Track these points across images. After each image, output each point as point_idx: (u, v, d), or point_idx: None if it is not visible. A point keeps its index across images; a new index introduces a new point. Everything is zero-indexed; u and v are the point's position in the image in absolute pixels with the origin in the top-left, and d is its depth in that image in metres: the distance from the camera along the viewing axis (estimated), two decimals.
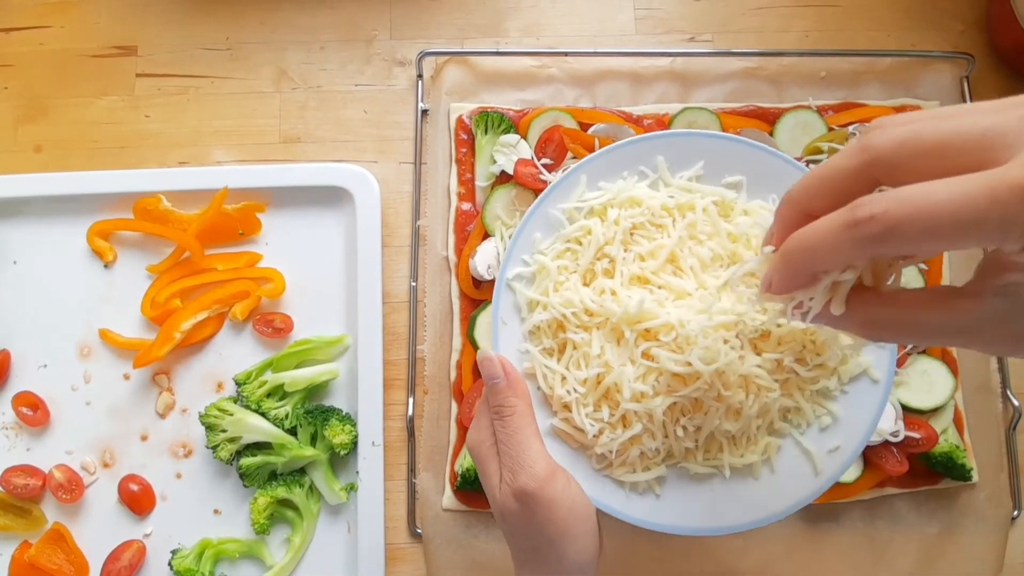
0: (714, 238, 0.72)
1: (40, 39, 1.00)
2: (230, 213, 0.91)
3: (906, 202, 0.36)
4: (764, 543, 0.86)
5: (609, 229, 0.72)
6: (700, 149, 0.75)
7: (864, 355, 0.72)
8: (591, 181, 0.74)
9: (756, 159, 0.74)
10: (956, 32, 1.00)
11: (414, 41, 1.00)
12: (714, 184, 0.75)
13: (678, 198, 0.73)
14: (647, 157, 0.75)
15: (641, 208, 0.72)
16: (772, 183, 0.74)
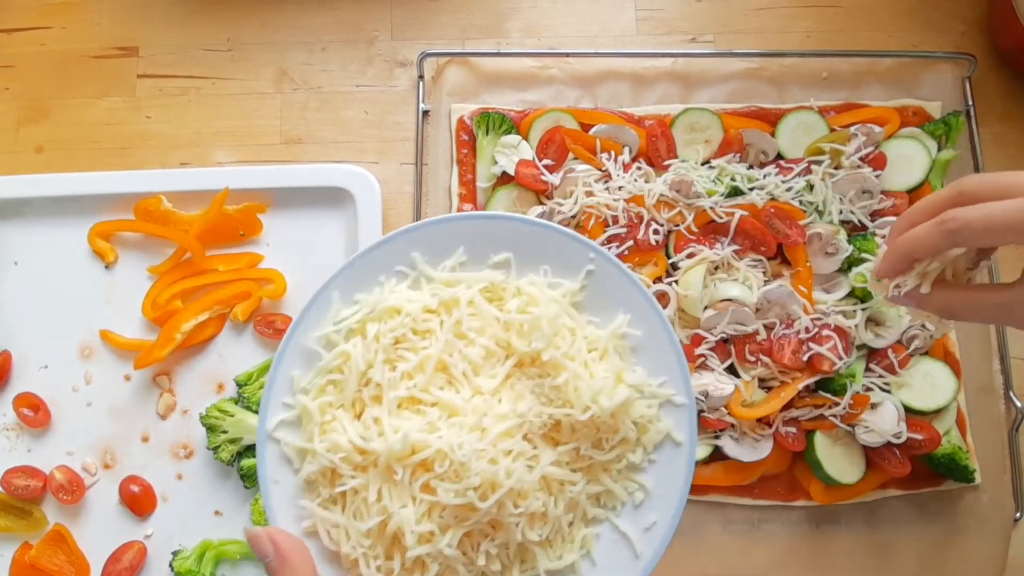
0: (485, 333, 0.68)
1: (41, 40, 1.00)
2: (231, 214, 0.91)
3: (975, 209, 0.56)
4: (767, 545, 0.86)
5: (369, 349, 0.67)
6: (458, 233, 0.71)
7: (664, 419, 0.69)
8: (346, 295, 0.70)
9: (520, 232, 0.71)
10: (958, 33, 1.00)
11: (415, 42, 1.00)
12: (481, 268, 0.71)
13: (441, 295, 0.69)
14: (403, 255, 0.71)
15: (401, 316, 0.68)
16: (542, 253, 0.71)
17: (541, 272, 0.72)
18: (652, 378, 0.71)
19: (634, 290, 0.71)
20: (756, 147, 0.91)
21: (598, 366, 0.70)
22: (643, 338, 0.72)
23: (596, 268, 0.72)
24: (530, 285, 0.71)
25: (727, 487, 0.86)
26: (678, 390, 0.70)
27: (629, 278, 0.71)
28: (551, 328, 0.69)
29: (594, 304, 0.73)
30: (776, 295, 0.84)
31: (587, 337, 0.71)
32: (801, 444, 0.84)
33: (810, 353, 0.83)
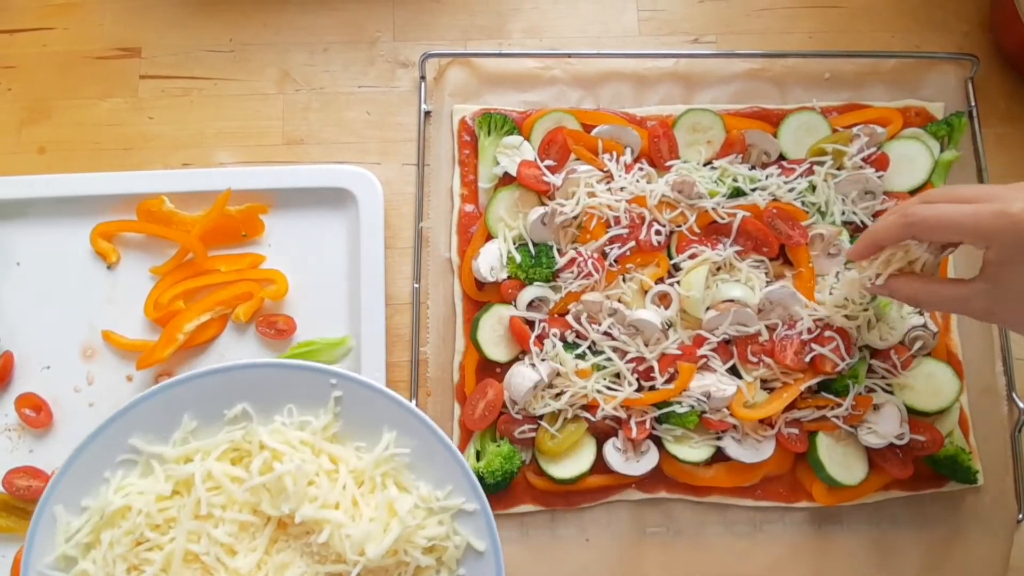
0: (232, 506, 0.65)
1: (44, 41, 1.00)
2: (233, 215, 0.91)
3: (931, 209, 0.67)
4: (770, 547, 0.86)
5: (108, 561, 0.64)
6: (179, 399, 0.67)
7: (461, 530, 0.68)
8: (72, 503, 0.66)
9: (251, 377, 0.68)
10: (960, 33, 1.00)
11: (417, 43, 1.00)
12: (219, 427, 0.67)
13: (176, 475, 0.66)
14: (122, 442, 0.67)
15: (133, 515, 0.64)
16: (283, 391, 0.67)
17: (286, 413, 0.69)
18: (438, 490, 0.69)
19: (393, 405, 0.69)
20: (758, 148, 0.91)
21: (368, 501, 0.67)
22: (416, 451, 0.70)
23: (344, 393, 0.69)
24: (273, 436, 0.67)
25: (729, 488, 0.86)
26: (467, 497, 0.69)
27: (382, 394, 0.69)
28: (298, 484, 0.65)
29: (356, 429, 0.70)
30: (778, 296, 0.84)
31: (352, 471, 0.67)
32: (803, 445, 0.84)
33: (812, 354, 0.83)
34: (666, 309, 0.85)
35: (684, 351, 0.84)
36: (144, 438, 0.68)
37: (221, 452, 0.68)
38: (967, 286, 0.68)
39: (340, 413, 0.71)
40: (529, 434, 0.84)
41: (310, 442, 0.68)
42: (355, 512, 0.66)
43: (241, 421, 0.70)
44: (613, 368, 0.84)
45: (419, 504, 0.70)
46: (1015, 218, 0.62)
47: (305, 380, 0.70)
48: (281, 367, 0.69)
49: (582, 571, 0.85)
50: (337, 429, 0.71)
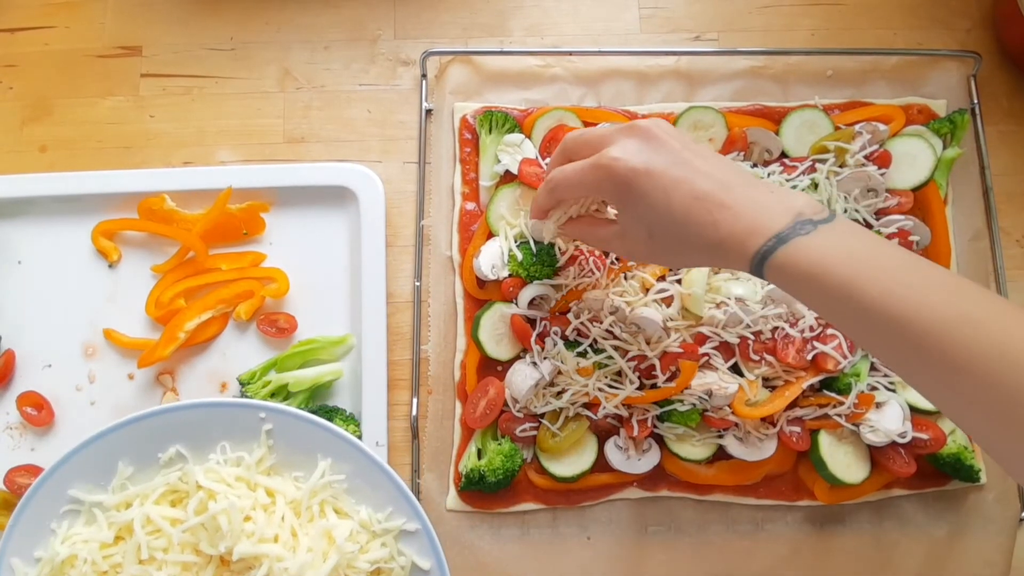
0: (172, 548, 0.66)
1: (45, 39, 1.00)
2: (234, 213, 0.91)
3: (559, 171, 0.69)
4: (771, 545, 0.86)
5: None
6: (113, 447, 0.69)
7: (405, 551, 0.69)
8: (26, 554, 0.68)
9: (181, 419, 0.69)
10: (963, 30, 1.00)
11: (418, 41, 0.99)
12: (155, 470, 0.68)
13: (117, 521, 0.67)
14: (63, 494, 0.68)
15: (80, 564, 0.66)
16: (215, 429, 0.69)
17: (219, 450, 0.70)
18: (379, 512, 0.69)
19: (323, 432, 0.70)
20: (760, 145, 0.91)
21: (308, 530, 0.68)
22: (353, 476, 0.71)
23: (274, 425, 0.70)
24: (208, 475, 0.69)
25: (731, 487, 0.86)
26: (407, 516, 0.70)
27: (312, 423, 0.69)
28: (232, 522, 0.66)
29: (292, 460, 0.71)
30: (780, 294, 0.84)
31: (290, 502, 0.68)
32: (805, 443, 0.84)
33: (814, 352, 0.83)
34: (667, 307, 0.85)
35: (686, 349, 0.84)
36: (84, 488, 0.70)
37: (159, 495, 0.68)
38: (606, 226, 0.71)
39: (273, 445, 0.72)
40: (530, 432, 0.84)
41: (245, 478, 0.69)
42: (294, 543, 0.67)
43: (177, 463, 0.71)
44: (614, 366, 0.84)
45: (359, 529, 0.70)
46: (608, 168, 0.63)
47: (234, 416, 0.70)
48: (208, 406, 0.70)
49: (583, 569, 0.85)
50: (273, 461, 0.72)
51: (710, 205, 0.61)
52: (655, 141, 0.64)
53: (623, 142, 0.64)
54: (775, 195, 0.62)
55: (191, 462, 0.71)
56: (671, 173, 0.62)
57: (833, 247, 0.58)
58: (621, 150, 0.64)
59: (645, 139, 0.64)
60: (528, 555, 0.85)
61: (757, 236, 0.59)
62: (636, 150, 0.64)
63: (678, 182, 0.62)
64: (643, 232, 0.66)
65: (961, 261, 0.91)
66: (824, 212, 0.61)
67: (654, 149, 0.64)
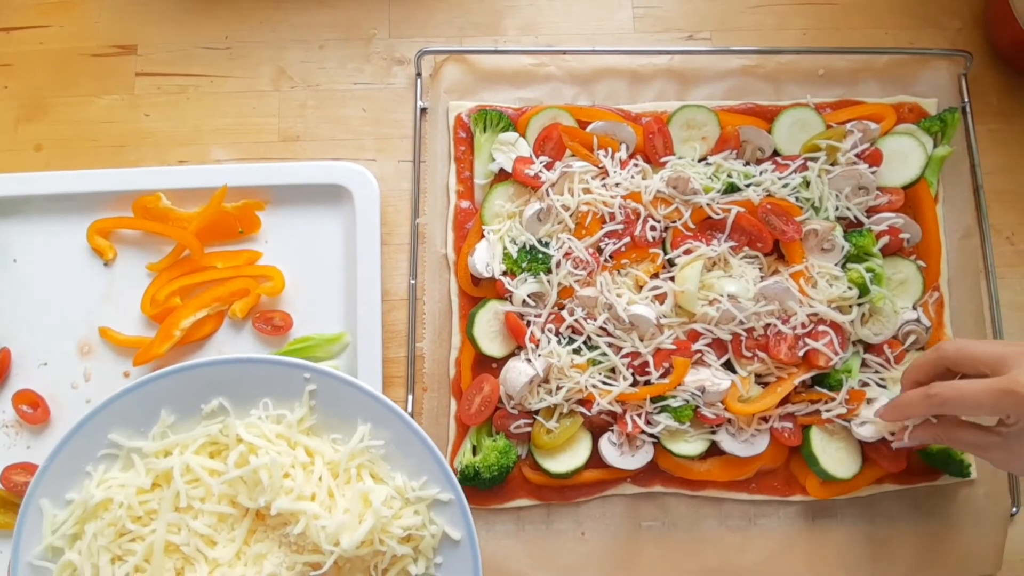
0: (210, 498, 0.67)
1: (40, 38, 1.00)
2: (229, 211, 0.91)
3: (953, 388, 0.71)
4: (763, 540, 0.87)
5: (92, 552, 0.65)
6: (157, 395, 0.69)
7: (437, 519, 0.70)
8: (57, 496, 0.68)
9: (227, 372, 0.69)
10: (954, 30, 1.00)
11: (413, 40, 1.00)
12: (196, 421, 0.69)
13: (155, 468, 0.67)
14: (102, 437, 0.68)
15: (115, 508, 0.66)
16: (257, 387, 0.69)
17: (261, 407, 0.70)
18: (413, 480, 0.70)
19: (365, 397, 0.70)
20: (753, 144, 0.92)
21: (344, 492, 0.68)
22: (391, 443, 0.71)
23: (318, 387, 0.70)
24: (249, 429, 0.69)
25: (724, 482, 0.86)
26: (441, 487, 0.70)
27: (356, 387, 0.70)
28: (273, 477, 0.67)
29: (331, 422, 0.71)
30: (773, 291, 0.85)
31: (328, 463, 0.69)
32: (797, 439, 0.85)
33: (806, 349, 0.84)
34: (661, 304, 0.85)
35: (679, 346, 0.84)
36: (123, 433, 0.69)
37: (199, 446, 0.68)
38: (986, 436, 0.73)
39: (315, 407, 0.72)
40: (525, 429, 0.85)
41: (286, 435, 0.69)
42: (331, 503, 0.68)
43: (218, 415, 0.71)
44: (608, 363, 0.84)
45: (394, 495, 0.71)
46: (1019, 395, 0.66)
47: (279, 375, 0.70)
48: (256, 362, 0.70)
49: (578, 564, 0.86)
50: (313, 422, 0.72)
51: None
52: None
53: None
54: None
55: (233, 416, 0.71)
56: None
57: None
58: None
59: None
60: (523, 550, 0.85)
61: None
62: None
63: None
64: None
65: (951, 258, 0.92)
66: None
67: None
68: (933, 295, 0.90)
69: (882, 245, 0.88)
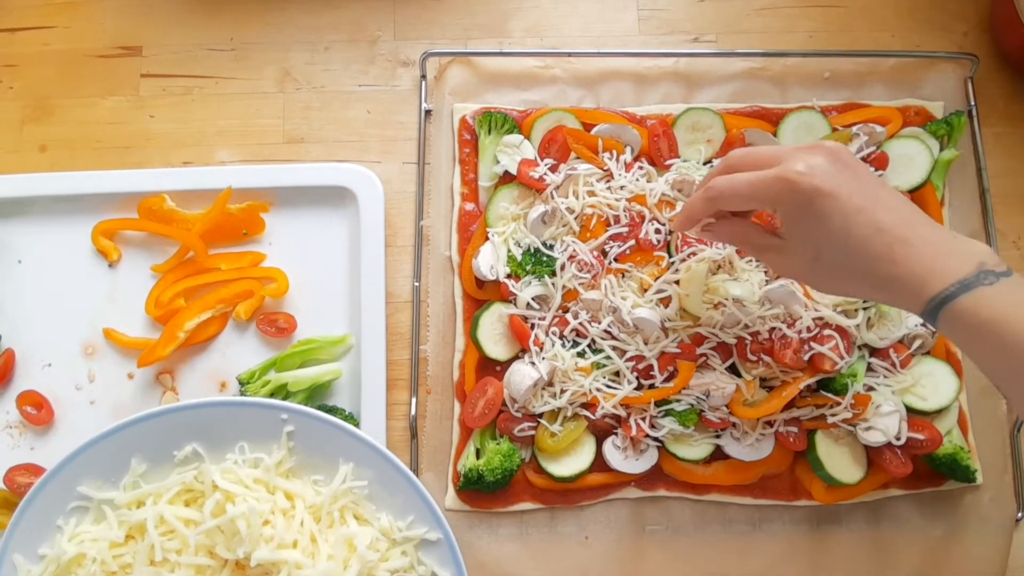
0: (186, 550, 0.64)
1: (45, 39, 1.00)
2: (234, 213, 0.92)
3: (726, 180, 0.68)
4: (768, 545, 0.86)
5: None
6: (127, 443, 0.67)
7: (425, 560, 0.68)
8: (29, 551, 0.66)
9: (200, 416, 0.67)
10: (960, 33, 1.00)
11: (418, 42, 1.00)
12: (169, 469, 0.67)
13: (128, 519, 0.65)
14: (71, 490, 0.67)
15: (88, 564, 0.65)
16: (234, 429, 0.67)
17: (238, 450, 0.68)
18: (399, 520, 0.68)
19: (346, 436, 0.68)
20: None
21: (327, 537, 0.66)
22: (374, 482, 0.69)
23: (296, 427, 0.68)
24: (225, 475, 0.67)
25: (728, 487, 0.86)
26: (429, 526, 0.68)
27: (336, 426, 0.68)
28: (251, 526, 0.64)
29: (312, 463, 0.69)
30: (778, 295, 0.84)
31: (310, 507, 0.67)
32: (802, 444, 0.84)
33: (811, 352, 0.83)
34: (665, 308, 0.85)
35: (683, 349, 0.84)
36: (93, 484, 0.68)
37: (174, 494, 0.67)
38: (765, 236, 0.70)
39: (294, 448, 0.70)
40: (529, 432, 0.85)
41: (264, 480, 0.68)
42: (314, 549, 0.66)
43: (192, 461, 0.69)
44: (613, 366, 0.84)
45: (379, 536, 0.69)
46: (792, 182, 0.62)
47: (255, 416, 0.69)
48: (229, 405, 0.68)
49: (581, 569, 0.85)
50: (292, 464, 0.70)
51: (890, 239, 0.60)
52: (841, 164, 0.63)
53: (808, 159, 0.63)
54: (957, 240, 0.61)
55: (208, 461, 0.69)
56: (855, 200, 0.61)
57: (1016, 302, 0.56)
58: (807, 166, 0.62)
59: (832, 160, 0.63)
60: (526, 555, 0.85)
61: (937, 280, 0.58)
62: (823, 170, 0.62)
63: (860, 210, 0.61)
64: (810, 253, 0.65)
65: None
66: (1003, 265, 0.59)
67: (840, 171, 0.63)
68: None
69: None
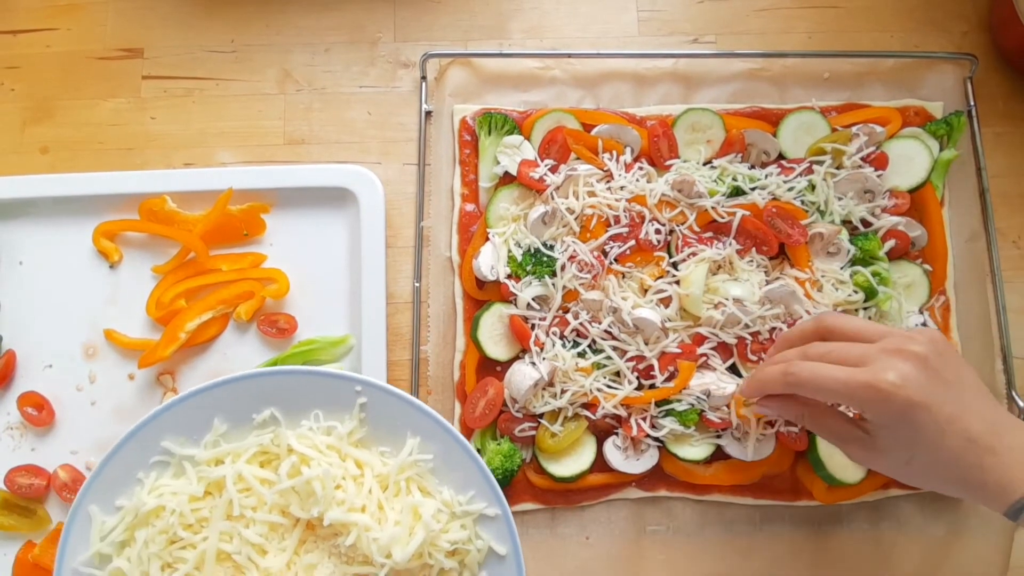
0: (262, 507, 0.67)
1: (47, 41, 1.01)
2: (235, 214, 0.92)
3: (812, 371, 0.66)
4: (769, 545, 0.86)
5: (142, 560, 0.66)
6: (211, 403, 0.70)
7: (483, 534, 0.70)
8: (106, 503, 0.69)
9: (280, 383, 0.70)
10: (959, 33, 1.00)
11: (418, 43, 1.00)
12: (248, 430, 0.69)
13: (207, 476, 0.68)
14: (155, 444, 0.69)
15: (167, 515, 0.66)
16: (308, 399, 0.69)
17: (313, 418, 0.70)
18: (460, 495, 0.70)
19: (414, 411, 0.71)
20: (758, 147, 0.91)
21: (393, 505, 0.68)
22: (438, 457, 0.71)
23: (368, 399, 0.71)
24: (300, 440, 0.69)
25: (729, 487, 0.86)
26: (488, 501, 0.70)
27: (406, 401, 0.70)
28: (325, 488, 0.67)
29: (380, 435, 0.71)
30: (778, 294, 0.84)
31: (377, 475, 0.69)
32: (803, 443, 0.84)
33: None
34: (666, 308, 0.85)
35: (684, 349, 0.84)
36: (176, 441, 0.70)
37: (251, 455, 0.69)
38: (849, 428, 0.69)
39: (365, 419, 0.72)
40: (529, 432, 0.85)
41: (336, 447, 0.69)
42: (381, 516, 0.68)
43: (269, 425, 0.71)
44: (613, 367, 0.84)
45: (442, 508, 0.71)
46: (883, 392, 0.62)
47: (331, 387, 0.71)
48: (308, 374, 0.70)
49: (582, 569, 0.85)
50: (362, 435, 0.72)
51: (980, 449, 0.63)
52: (931, 371, 0.64)
53: (900, 367, 0.63)
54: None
55: (283, 426, 0.71)
56: (947, 410, 0.63)
57: None
58: (899, 377, 0.62)
59: (922, 368, 0.63)
60: (527, 555, 0.85)
61: (1020, 487, 0.62)
62: (916, 381, 0.63)
63: (952, 419, 0.63)
64: (903, 457, 0.66)
65: (958, 262, 0.92)
66: None
67: (931, 380, 0.63)
68: (939, 299, 0.90)
69: (888, 249, 0.87)
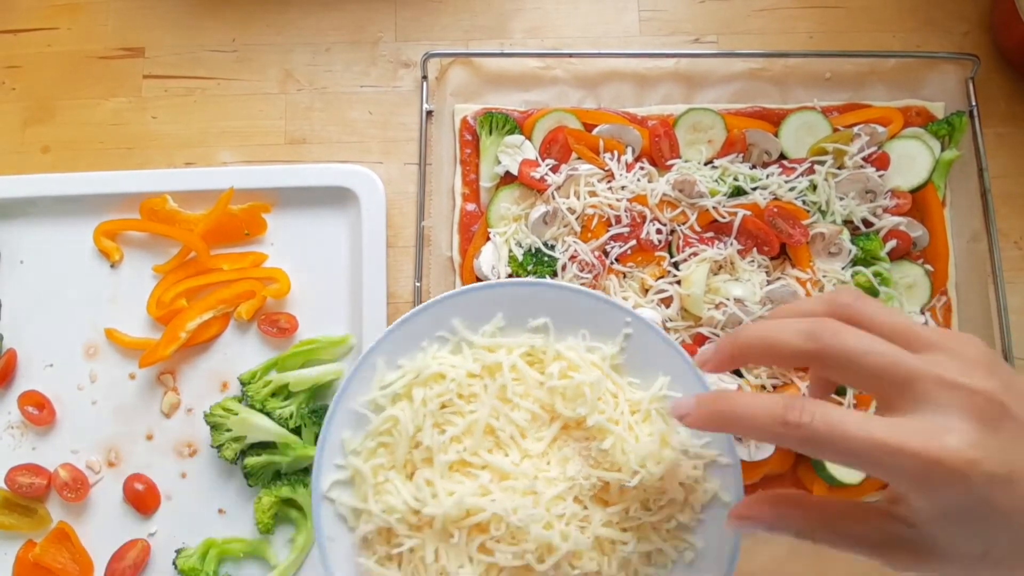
0: (528, 397, 0.70)
1: (48, 41, 1.01)
2: (236, 213, 0.92)
3: (830, 424, 0.42)
4: (770, 546, 0.86)
5: (418, 414, 0.69)
6: (497, 299, 0.73)
7: (712, 480, 0.70)
8: (390, 359, 0.72)
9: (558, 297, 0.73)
10: (961, 33, 1.00)
11: (419, 43, 1.00)
12: (520, 332, 0.73)
13: (483, 360, 0.71)
14: (443, 321, 0.73)
15: (446, 382, 0.70)
16: (578, 318, 0.73)
17: (579, 336, 0.73)
18: (695, 439, 0.71)
19: (673, 353, 0.73)
20: (759, 147, 0.91)
21: (642, 429, 0.70)
22: None
23: (633, 332, 0.73)
24: (569, 350, 0.72)
25: None
26: (722, 450, 0.71)
27: (667, 342, 0.72)
28: (594, 394, 0.70)
29: (633, 366, 0.74)
30: (779, 294, 0.84)
31: (629, 400, 0.71)
32: None
33: None
34: (667, 308, 0.85)
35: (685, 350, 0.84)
36: (462, 323, 0.73)
37: (522, 352, 0.72)
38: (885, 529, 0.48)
39: (624, 348, 0.74)
40: None
41: (599, 365, 0.73)
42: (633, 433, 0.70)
43: (540, 332, 0.74)
44: None
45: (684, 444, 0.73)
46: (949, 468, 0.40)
47: (603, 312, 0.74)
48: (588, 295, 0.74)
49: None
50: (619, 361, 0.75)
51: None
52: (1007, 418, 0.42)
53: (964, 422, 0.41)
54: None
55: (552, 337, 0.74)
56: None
57: None
58: (969, 441, 0.41)
59: (998, 417, 0.42)
60: None
61: None
62: (993, 443, 0.41)
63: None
64: (975, 550, 0.44)
65: (959, 263, 0.92)
66: None
67: (1011, 434, 0.41)
68: (941, 299, 0.90)
69: (889, 249, 0.87)
